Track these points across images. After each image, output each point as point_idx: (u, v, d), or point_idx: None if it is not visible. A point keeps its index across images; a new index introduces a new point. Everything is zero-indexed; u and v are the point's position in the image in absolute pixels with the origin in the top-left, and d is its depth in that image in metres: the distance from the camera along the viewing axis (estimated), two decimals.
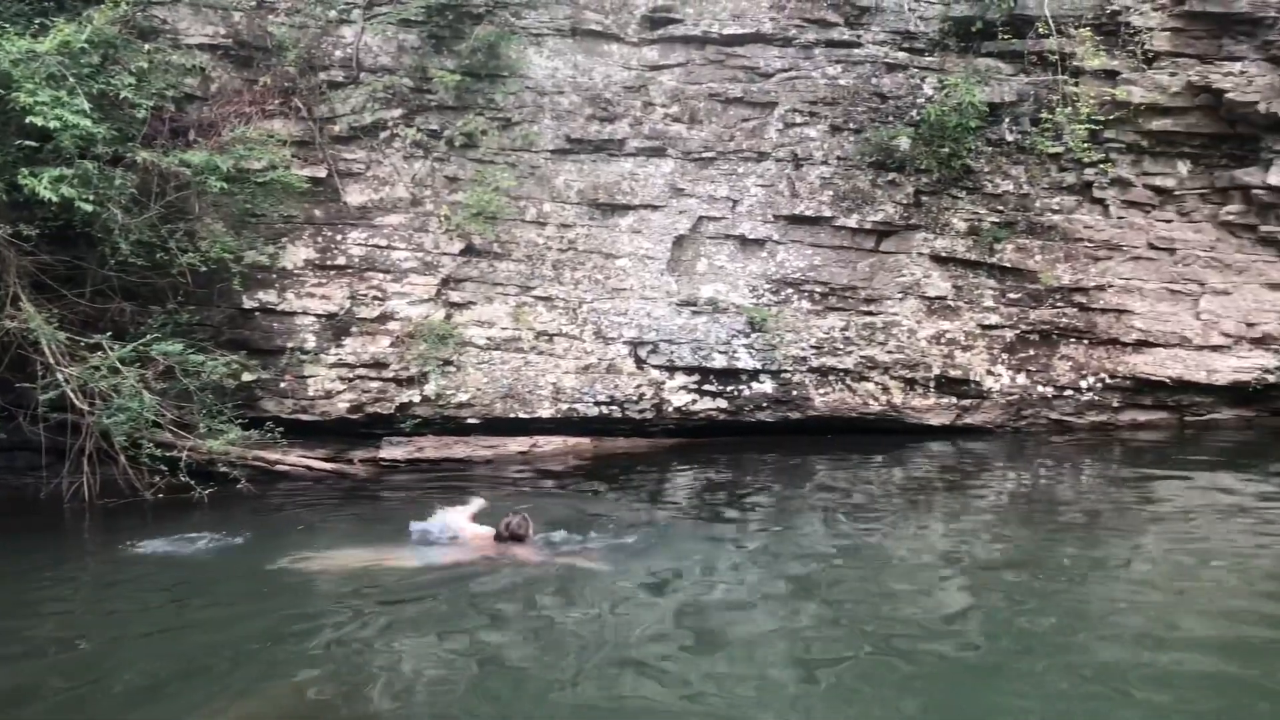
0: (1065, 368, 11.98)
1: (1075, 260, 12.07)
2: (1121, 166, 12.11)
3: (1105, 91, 11.88)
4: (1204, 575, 6.60)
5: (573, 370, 11.27)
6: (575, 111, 11.65)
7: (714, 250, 11.90)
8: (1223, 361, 11.87)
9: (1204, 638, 5.41)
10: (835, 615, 5.90)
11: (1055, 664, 5.05)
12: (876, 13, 12.18)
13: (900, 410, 11.82)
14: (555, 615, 5.98)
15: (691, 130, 11.85)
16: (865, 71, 12.09)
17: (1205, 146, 12.21)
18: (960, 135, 11.74)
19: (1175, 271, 12.13)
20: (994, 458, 11.04)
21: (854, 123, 12.02)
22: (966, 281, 12.08)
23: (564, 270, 11.48)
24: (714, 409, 11.59)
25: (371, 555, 7.19)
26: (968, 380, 11.84)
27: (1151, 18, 12.00)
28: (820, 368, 11.75)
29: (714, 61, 12.00)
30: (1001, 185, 12.11)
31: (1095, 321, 12.00)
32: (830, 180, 11.98)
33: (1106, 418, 12.07)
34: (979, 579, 6.60)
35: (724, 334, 11.55)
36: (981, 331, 11.97)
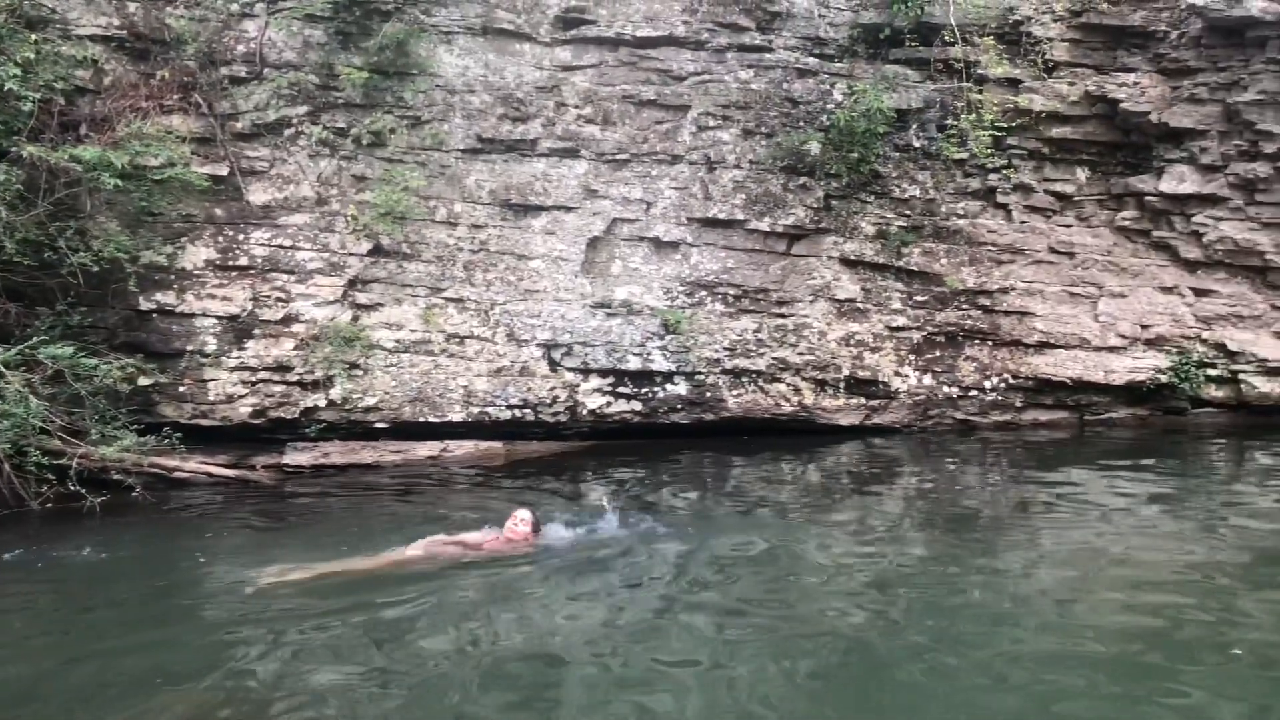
0: (970, 368, 12.26)
1: (979, 264, 12.38)
2: (1023, 172, 12.47)
3: (1008, 99, 12.21)
4: (1101, 571, 6.78)
5: (484, 373, 11.13)
6: (487, 111, 11.52)
7: (628, 252, 11.88)
8: (1119, 362, 12.28)
9: (1100, 635, 5.53)
10: (744, 617, 5.89)
11: (962, 661, 5.13)
12: (787, 18, 12.31)
13: (811, 411, 11.95)
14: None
15: (605, 132, 11.81)
16: (777, 76, 12.21)
17: (1102, 154, 12.65)
18: (869, 141, 11.94)
19: (1075, 275, 12.52)
20: (901, 457, 11.22)
21: (766, 127, 12.13)
22: (875, 284, 12.29)
23: (475, 271, 11.33)
24: (628, 411, 11.56)
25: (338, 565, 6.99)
26: (876, 381, 12.04)
27: (1051, 28, 12.37)
28: (733, 369, 11.81)
29: (627, 63, 11.99)
30: (909, 190, 12.35)
31: (999, 323, 12.31)
32: (743, 184, 12.06)
33: (1010, 417, 12.39)
34: (887, 579, 6.67)
35: (638, 336, 11.53)
36: (889, 333, 12.18)
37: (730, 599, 6.22)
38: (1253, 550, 7.19)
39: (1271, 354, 12.22)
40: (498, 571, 6.79)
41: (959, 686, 4.86)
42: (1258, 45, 11.89)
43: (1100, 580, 6.57)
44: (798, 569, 6.91)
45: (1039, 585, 6.51)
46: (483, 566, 6.87)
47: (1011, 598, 6.24)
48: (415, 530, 7.50)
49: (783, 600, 6.20)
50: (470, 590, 6.43)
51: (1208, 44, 12.09)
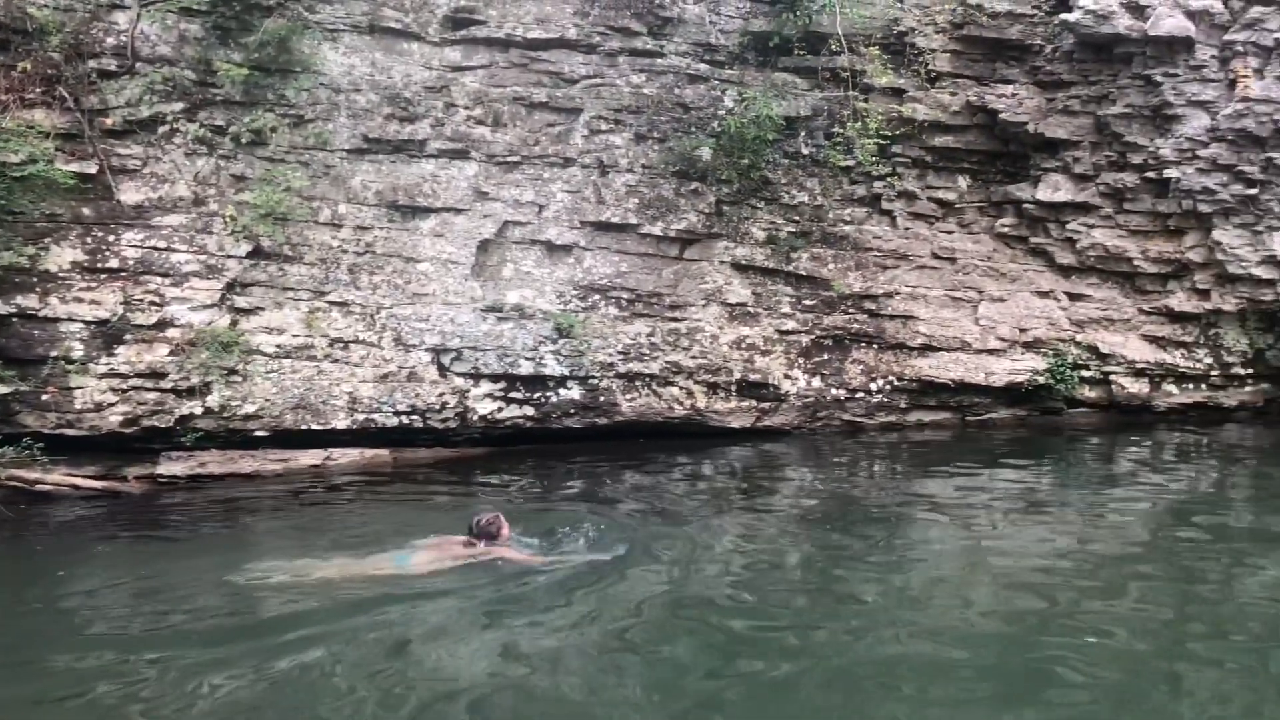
0: (857, 371, 12.50)
1: (865, 269, 12.64)
2: (907, 180, 12.79)
3: (893, 108, 12.51)
4: (981, 568, 7.00)
5: (370, 379, 10.87)
6: (373, 110, 11.27)
7: (520, 255, 11.77)
8: (999, 364, 12.68)
9: (982, 631, 5.71)
10: (632, 620, 5.88)
11: (848, 662, 5.22)
12: (679, 24, 12.39)
13: (704, 414, 12.02)
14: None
15: (496, 133, 11.68)
16: (668, 81, 12.27)
17: (982, 163, 13.06)
18: (759, 147, 12.08)
19: (956, 280, 12.89)
20: (791, 459, 11.39)
21: (658, 132, 12.17)
22: (765, 289, 12.44)
23: (361, 274, 11.07)
24: (521, 416, 11.44)
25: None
26: (767, 384, 12.17)
27: (934, 40, 12.72)
28: (627, 373, 11.80)
29: (518, 65, 11.88)
30: (798, 196, 12.53)
31: (884, 327, 12.59)
32: (636, 188, 12.08)
33: (895, 418, 12.68)
34: (776, 580, 6.75)
35: (531, 340, 11.41)
36: (779, 337, 12.34)
37: (623, 599, 6.19)
38: (1120, 543, 7.52)
39: (1139, 356, 12.78)
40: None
41: (848, 687, 4.94)
42: (1125, 61, 12.45)
43: (980, 577, 6.78)
44: (690, 571, 6.92)
45: (925, 583, 6.68)
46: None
47: (899, 596, 6.39)
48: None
49: (675, 601, 6.21)
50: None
51: (1080, 58, 12.60)
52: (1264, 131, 12.05)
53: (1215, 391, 13.02)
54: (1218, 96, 12.27)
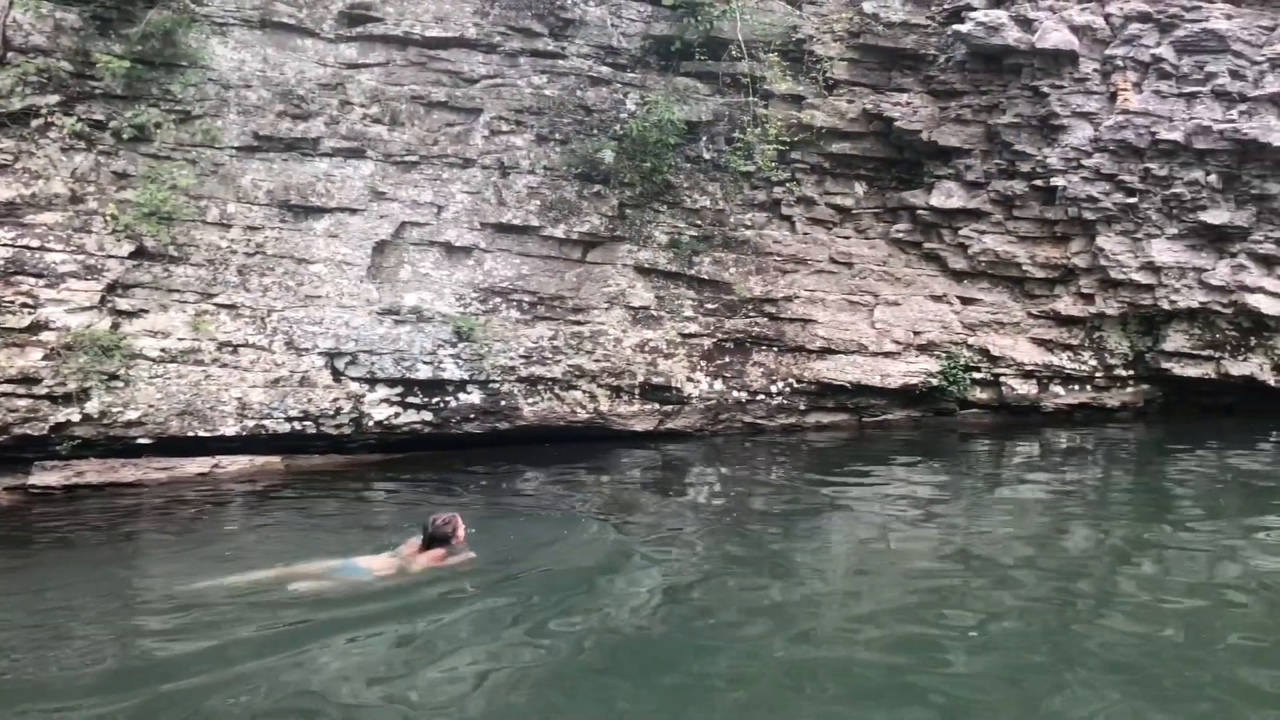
0: (758, 374, 12.62)
1: (766, 273, 12.78)
2: (806, 186, 12.98)
3: (792, 115, 12.68)
4: (878, 566, 7.13)
5: (261, 384, 10.53)
6: (264, 107, 10.96)
7: (418, 257, 11.56)
8: (894, 366, 12.94)
9: (877, 630, 5.79)
10: (533, 625, 5.81)
11: (752, 664, 5.24)
12: (580, 26, 12.34)
13: (607, 417, 11.98)
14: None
15: (393, 132, 11.47)
16: (570, 83, 12.21)
17: (879, 169, 13.33)
18: (661, 151, 12.12)
19: (853, 284, 13.13)
20: (694, 461, 11.43)
21: (560, 133, 12.10)
22: (668, 292, 12.47)
23: (251, 276, 10.73)
24: (419, 422, 11.22)
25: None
26: (670, 387, 12.20)
27: (832, 48, 12.93)
28: (529, 377, 11.69)
29: (416, 63, 11.69)
30: (699, 201, 12.60)
31: (784, 330, 12.74)
32: (537, 190, 11.99)
33: (795, 420, 12.84)
34: (680, 582, 6.74)
35: (429, 344, 11.22)
36: (682, 340, 12.39)
37: (524, 602, 6.13)
38: (1007, 540, 7.73)
39: (1028, 358, 13.20)
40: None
41: (754, 687, 4.96)
42: (1014, 72, 12.85)
43: (877, 576, 6.90)
44: (591, 575, 6.87)
45: (823, 583, 6.77)
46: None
47: (800, 596, 6.46)
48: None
49: (581, 607, 6.15)
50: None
51: (971, 69, 12.96)
52: (1142, 143, 12.57)
53: (1099, 392, 13.52)
54: (1100, 108, 12.75)
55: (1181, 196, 12.69)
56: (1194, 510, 8.77)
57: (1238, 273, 12.81)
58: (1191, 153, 12.54)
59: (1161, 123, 12.54)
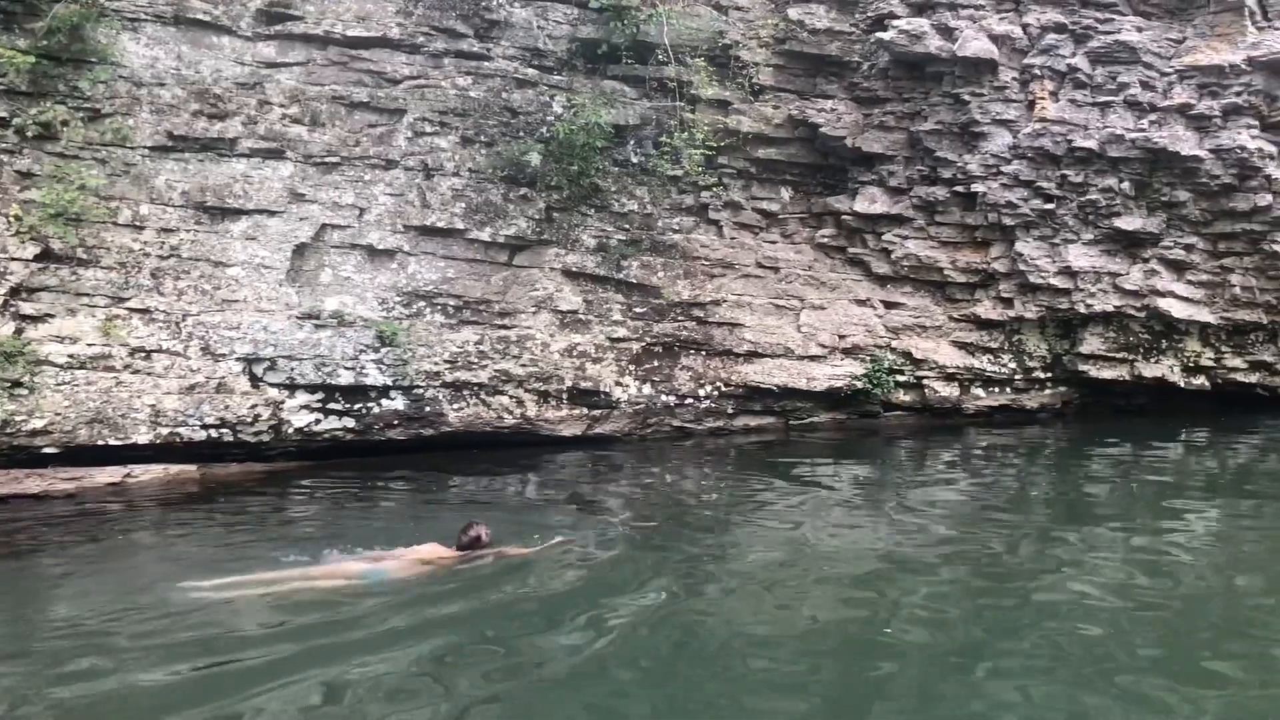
0: (686, 378, 12.65)
1: (694, 277, 12.81)
2: (733, 191, 13.05)
3: (719, 120, 12.73)
4: (802, 568, 7.17)
5: (176, 390, 10.23)
6: (179, 106, 10.66)
7: (340, 260, 11.35)
8: (820, 370, 13.07)
9: (800, 630, 5.87)
10: (464, 625, 5.77)
11: (659, 666, 5.25)
12: (506, 28, 12.23)
13: (534, 423, 11.89)
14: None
15: (313, 133, 11.25)
16: (496, 85, 12.10)
17: (804, 175, 13.46)
18: (588, 154, 12.06)
19: (780, 288, 13.23)
20: (622, 466, 11.39)
21: (485, 135, 11.98)
22: (596, 296, 12.42)
23: (165, 279, 10.42)
24: (340, 429, 11.01)
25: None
26: (598, 391, 12.15)
27: (758, 53, 13.02)
28: (454, 382, 11.54)
29: (338, 63, 11.49)
30: (627, 204, 12.59)
31: (712, 334, 12.79)
32: (462, 192, 11.86)
33: (723, 423, 12.90)
34: (605, 589, 6.70)
35: (350, 349, 11.02)
36: (611, 344, 12.35)
37: (448, 608, 6.06)
38: (928, 539, 7.89)
39: (949, 361, 13.44)
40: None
41: (670, 688, 4.99)
42: (936, 80, 13.08)
43: (800, 577, 6.94)
44: (515, 581, 6.80)
45: (750, 584, 6.80)
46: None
47: (726, 599, 6.48)
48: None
49: (504, 613, 6.09)
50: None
51: (894, 76, 13.15)
52: (1059, 150, 12.87)
53: (1019, 394, 13.82)
54: (1019, 116, 13.04)
55: (1096, 203, 13.03)
56: (1109, 508, 9.01)
57: (1150, 277, 13.19)
58: (1105, 160, 12.88)
59: (1077, 131, 12.86)
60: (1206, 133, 12.73)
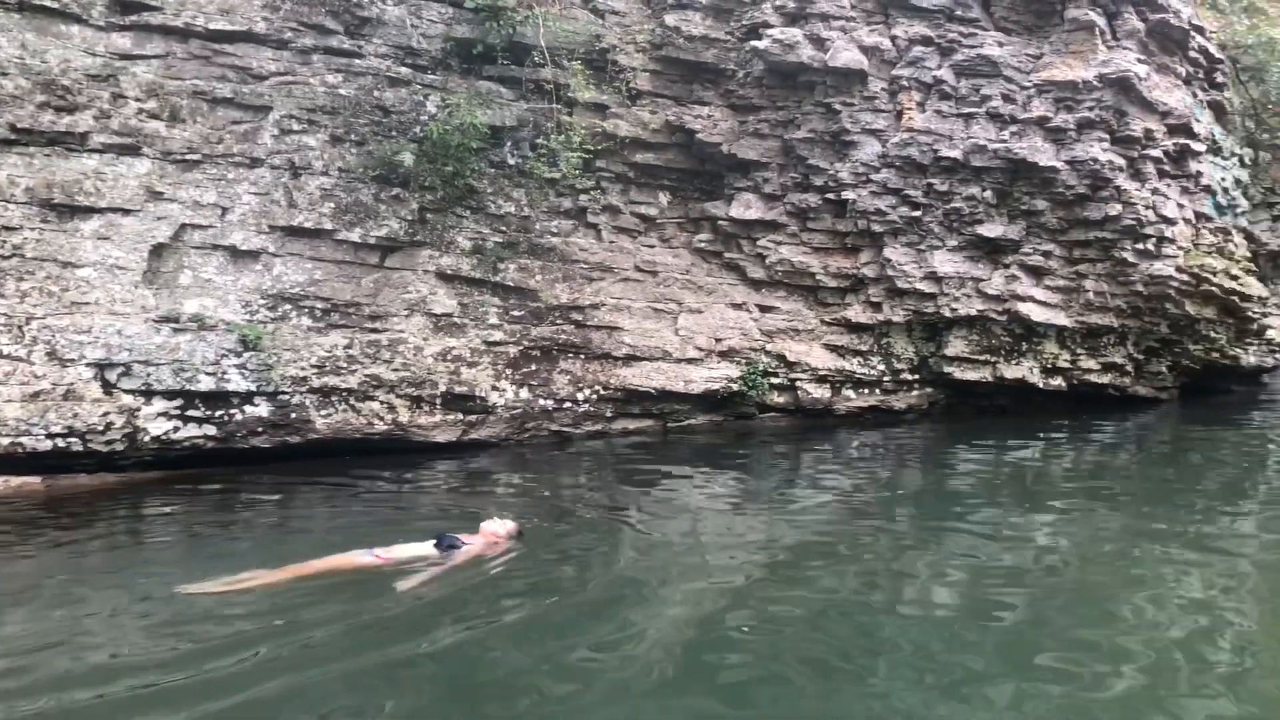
0: (564, 381, 12.60)
1: (572, 280, 12.78)
2: (612, 195, 13.07)
3: (596, 123, 12.74)
4: (676, 569, 7.18)
5: (18, 398, 9.67)
6: (23, 98, 10.09)
7: (200, 262, 10.92)
8: (697, 373, 13.20)
9: (660, 633, 5.83)
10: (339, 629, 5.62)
11: (523, 672, 5.18)
12: (378, 25, 11.99)
13: (407, 429, 11.67)
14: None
15: (173, 129, 10.81)
16: (367, 83, 11.84)
17: (682, 180, 13.58)
18: (463, 155, 11.92)
19: (658, 292, 13.31)
20: (499, 471, 11.26)
21: (356, 134, 11.72)
22: (472, 299, 12.27)
23: (7, 281, 9.85)
24: (200, 436, 10.60)
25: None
26: (474, 396, 12.00)
27: (635, 58, 13.07)
28: (322, 388, 11.24)
29: (199, 57, 11.06)
30: (504, 206, 12.48)
31: (590, 338, 12.78)
32: (331, 192, 11.56)
33: (601, 427, 12.90)
34: (478, 597, 6.61)
35: (212, 354, 10.61)
36: (487, 348, 12.22)
37: (318, 616, 5.89)
38: (799, 538, 8.04)
39: (821, 363, 13.74)
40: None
41: (537, 694, 4.93)
42: (808, 89, 13.36)
43: (666, 576, 6.97)
44: (382, 592, 6.65)
45: (621, 588, 6.77)
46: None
47: (598, 604, 6.45)
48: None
49: (373, 622, 5.94)
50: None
51: (769, 84, 13.39)
52: (925, 159, 13.31)
53: (887, 395, 14.23)
54: (887, 126, 13.43)
55: (960, 211, 13.52)
56: (974, 504, 9.33)
57: (1010, 283, 13.75)
58: (969, 170, 13.38)
59: (942, 141, 13.32)
60: (1062, 145, 13.34)
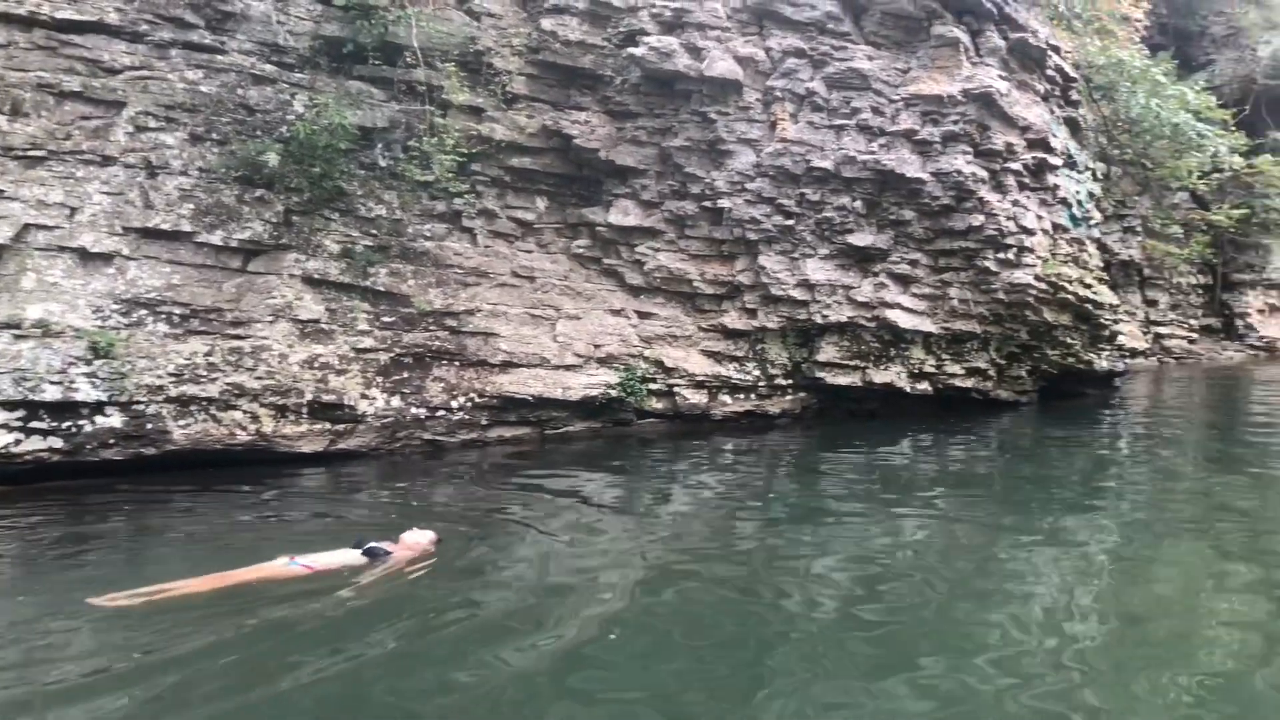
0: (438, 389, 12.37)
1: (447, 285, 12.57)
2: (487, 199, 12.91)
3: (471, 126, 12.57)
4: (552, 577, 7.16)
5: None
6: None
7: (45, 264, 10.32)
8: (575, 379, 13.13)
9: (524, 641, 5.82)
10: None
11: (393, 681, 5.11)
12: (242, 20, 11.58)
13: (271, 439, 11.26)
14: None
15: (15, 124, 10.21)
16: (230, 80, 11.42)
17: (559, 185, 13.51)
18: (332, 156, 11.61)
19: (536, 298, 13.21)
20: (368, 482, 10.97)
21: (218, 133, 11.28)
22: (340, 305, 11.93)
23: None
24: (45, 449, 9.99)
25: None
26: (342, 405, 11.66)
27: (511, 62, 12.95)
28: (180, 397, 10.75)
29: (45, 48, 10.49)
30: (375, 209, 12.19)
31: (465, 344, 12.58)
32: (191, 193, 11.09)
33: (476, 435, 12.69)
34: (347, 611, 6.42)
35: (58, 362, 10.03)
36: (356, 355, 11.89)
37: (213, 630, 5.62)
38: (674, 541, 8.10)
39: (699, 369, 13.86)
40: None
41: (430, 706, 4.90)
42: (685, 97, 13.48)
43: (551, 586, 6.92)
44: (256, 608, 6.39)
45: (502, 598, 6.72)
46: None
47: (474, 614, 6.37)
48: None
49: (241, 638, 5.69)
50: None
51: (646, 92, 13.45)
52: (798, 170, 13.58)
53: (762, 400, 14.44)
54: (762, 136, 13.66)
55: (832, 220, 13.84)
56: (845, 505, 9.57)
57: (879, 290, 14.14)
58: (840, 180, 13.70)
59: (815, 152, 13.62)
60: (928, 157, 13.79)
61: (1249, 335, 26.64)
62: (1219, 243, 25.70)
